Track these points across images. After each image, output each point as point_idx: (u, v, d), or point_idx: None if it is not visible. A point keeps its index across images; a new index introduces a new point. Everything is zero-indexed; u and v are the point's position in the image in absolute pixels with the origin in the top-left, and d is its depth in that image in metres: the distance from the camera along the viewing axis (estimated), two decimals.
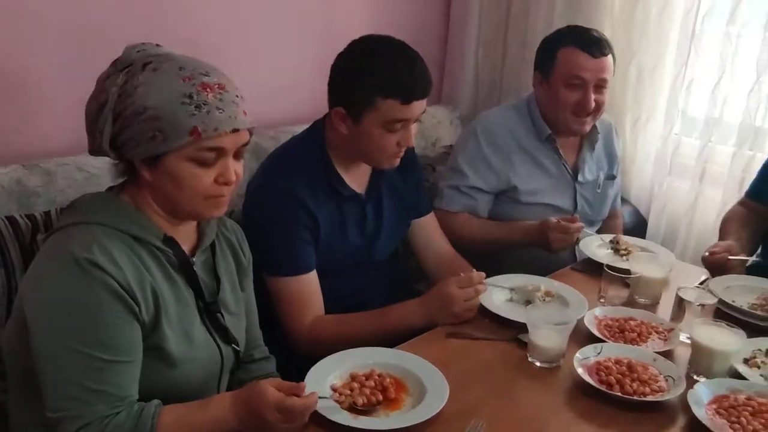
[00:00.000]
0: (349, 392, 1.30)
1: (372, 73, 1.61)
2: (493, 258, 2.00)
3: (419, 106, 1.65)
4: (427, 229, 2.00)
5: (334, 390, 1.31)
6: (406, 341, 1.56)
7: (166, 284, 1.24)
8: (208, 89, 1.18)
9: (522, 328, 1.54)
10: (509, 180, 2.16)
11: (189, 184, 1.20)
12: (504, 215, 2.18)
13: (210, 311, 1.32)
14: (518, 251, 2.09)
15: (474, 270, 1.66)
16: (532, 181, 2.17)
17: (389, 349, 1.47)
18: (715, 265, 1.90)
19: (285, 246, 1.66)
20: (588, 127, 2.14)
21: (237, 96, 1.22)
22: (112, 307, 1.14)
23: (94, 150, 1.23)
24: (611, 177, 2.32)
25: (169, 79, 1.17)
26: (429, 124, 2.66)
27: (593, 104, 2.06)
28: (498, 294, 1.72)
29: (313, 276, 1.70)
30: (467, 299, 1.60)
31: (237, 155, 1.24)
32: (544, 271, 1.93)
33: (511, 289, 1.75)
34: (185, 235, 1.32)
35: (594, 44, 2.05)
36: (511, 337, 1.57)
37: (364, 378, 1.35)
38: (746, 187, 2.26)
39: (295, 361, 1.46)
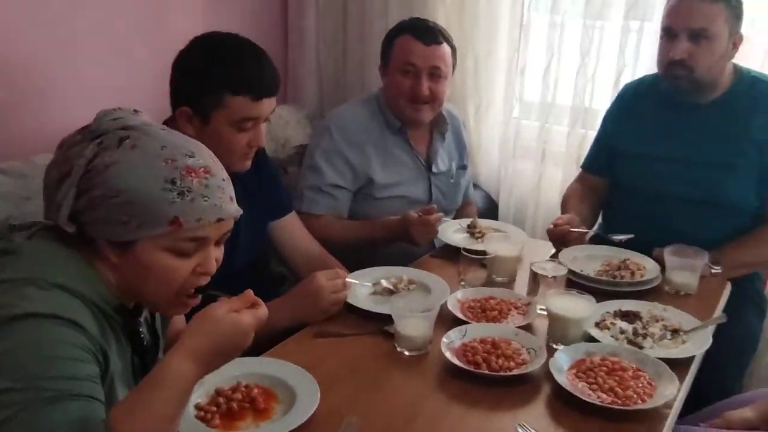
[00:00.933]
0: (215, 409, 1.23)
1: (220, 68, 1.55)
2: (359, 255, 1.99)
3: (269, 103, 1.61)
4: (291, 230, 1.96)
5: (199, 409, 1.24)
6: (274, 346, 1.51)
7: (113, 342, 1.07)
8: (193, 174, 1.04)
9: (388, 319, 1.54)
10: (366, 174, 2.16)
11: (161, 276, 1.05)
12: (361, 212, 2.19)
13: (145, 368, 1.15)
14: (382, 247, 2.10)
15: (343, 269, 1.66)
16: (388, 174, 2.19)
17: (254, 357, 1.41)
18: (558, 237, 2.00)
19: None
20: (425, 116, 2.18)
21: (223, 180, 1.09)
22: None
23: (49, 218, 1.06)
24: (462, 167, 2.39)
25: (148, 160, 1.02)
26: (277, 125, 2.61)
27: (426, 92, 2.11)
28: (361, 288, 1.72)
29: None
30: (334, 291, 1.59)
31: (219, 242, 1.12)
32: (409, 261, 1.95)
33: (374, 283, 1.75)
34: None
35: (427, 32, 2.11)
36: (378, 329, 1.56)
37: (230, 392, 1.28)
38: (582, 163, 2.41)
39: None
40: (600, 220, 2.29)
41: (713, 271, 1.85)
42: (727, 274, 1.90)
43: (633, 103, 2.19)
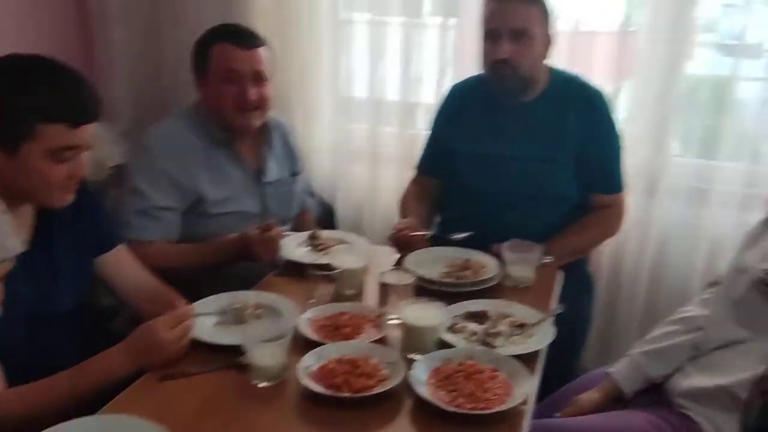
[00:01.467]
0: None
1: (28, 94, 1.36)
2: (198, 280, 1.87)
3: (90, 129, 1.44)
4: (119, 265, 1.78)
5: None
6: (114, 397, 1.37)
7: None
8: None
9: (239, 350, 1.46)
10: (195, 191, 2.04)
11: None
12: (195, 232, 2.06)
13: None
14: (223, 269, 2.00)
15: (182, 301, 1.53)
16: (218, 189, 2.08)
17: (93, 417, 1.26)
18: (400, 243, 2.02)
19: None
20: (255, 122, 2.10)
21: None
22: None
23: None
24: (294, 174, 2.33)
25: None
26: None
27: (254, 96, 2.04)
28: (206, 320, 1.61)
29: None
30: (178, 340, 1.46)
31: None
32: (252, 280, 1.86)
33: (220, 312, 1.65)
34: None
35: (245, 36, 2.05)
36: (228, 363, 1.47)
37: None
38: (415, 163, 2.44)
39: None
40: (438, 220, 2.34)
41: (545, 260, 1.95)
42: (558, 262, 2.02)
43: (460, 104, 2.26)
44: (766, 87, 2.28)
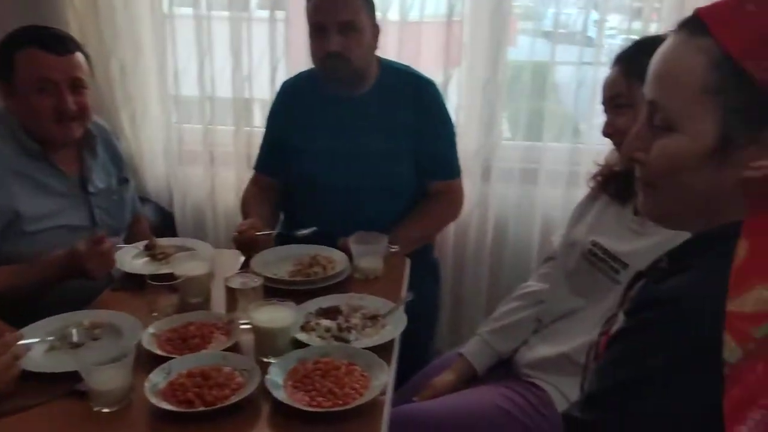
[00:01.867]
0: None
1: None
2: (24, 304, 1.71)
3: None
4: None
5: None
6: None
7: None
8: None
9: (77, 376, 1.34)
10: (9, 208, 1.84)
11: None
12: (12, 252, 1.86)
13: None
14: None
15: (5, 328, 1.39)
16: (38, 205, 1.89)
17: None
18: (245, 244, 1.96)
19: None
20: (76, 133, 1.94)
21: None
22: None
23: None
24: (124, 181, 2.18)
25: None
26: None
27: (73, 106, 1.87)
28: (36, 346, 1.47)
29: None
30: (4, 370, 1.32)
31: None
32: (86, 300, 1.72)
33: (52, 337, 1.51)
34: None
35: (56, 41, 1.86)
36: (66, 391, 1.35)
37: None
38: (253, 161, 2.38)
39: None
40: (282, 219, 2.29)
41: (392, 250, 1.97)
42: (404, 250, 2.05)
43: (293, 100, 2.22)
44: (581, 70, 2.44)
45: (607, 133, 1.60)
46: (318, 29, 2.01)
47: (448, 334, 2.56)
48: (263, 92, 2.46)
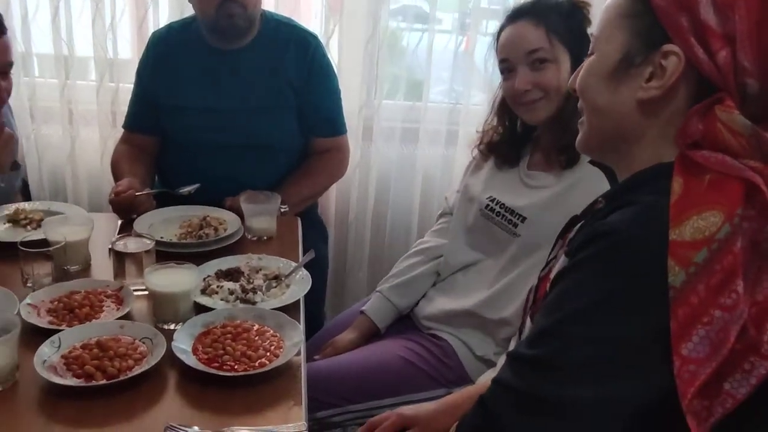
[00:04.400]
0: None
1: None
2: None
3: None
4: None
5: None
6: None
7: None
8: None
9: None
10: None
11: None
12: None
13: None
14: None
15: None
16: None
17: None
18: (123, 206, 1.81)
19: None
20: None
21: None
22: None
23: None
24: None
25: None
26: None
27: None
28: None
29: None
30: None
31: None
32: None
33: None
34: None
35: None
36: None
37: None
38: (120, 120, 2.20)
39: None
40: (157, 179, 2.14)
41: (282, 210, 1.90)
42: (294, 210, 1.99)
43: (165, 54, 2.06)
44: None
45: (520, 90, 1.54)
46: None
47: (332, 296, 2.54)
48: (128, 47, 2.27)
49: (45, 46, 2.27)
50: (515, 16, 1.58)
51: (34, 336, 1.28)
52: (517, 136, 1.71)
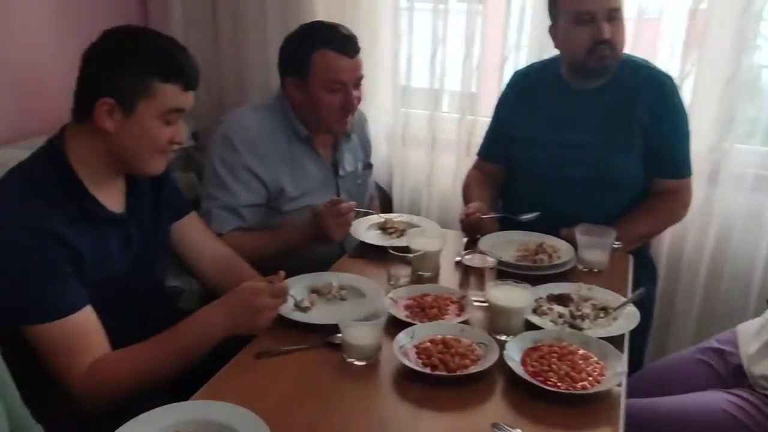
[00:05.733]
0: None
1: (148, 54, 1.44)
2: (267, 269, 1.90)
3: (193, 97, 1.52)
4: (194, 232, 1.82)
5: None
6: (216, 372, 1.40)
7: None
8: None
9: (327, 329, 1.48)
10: (277, 185, 2.05)
11: None
12: (266, 226, 2.08)
13: None
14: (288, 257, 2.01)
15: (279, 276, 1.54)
16: (297, 185, 2.08)
17: (188, 402, 1.28)
18: (471, 226, 2.03)
19: (43, 287, 1.38)
20: (350, 125, 2.12)
21: None
22: None
23: None
24: (369, 166, 2.34)
25: None
26: None
27: (356, 102, 2.05)
28: (290, 300, 1.63)
29: (84, 314, 1.43)
30: (272, 308, 1.48)
31: None
32: (320, 267, 1.85)
33: (309, 292, 1.67)
34: None
35: (347, 43, 2.00)
36: (320, 342, 1.50)
37: None
38: (474, 149, 2.45)
39: (90, 428, 1.19)
40: (501, 204, 2.35)
41: (615, 246, 1.95)
42: (627, 247, 2.02)
43: (524, 91, 2.25)
44: None
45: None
46: (585, 17, 1.99)
47: (653, 343, 2.47)
48: (489, 84, 2.52)
49: (422, 81, 2.63)
50: None
51: (389, 325, 1.54)
52: None
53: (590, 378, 1.36)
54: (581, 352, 1.43)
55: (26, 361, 1.36)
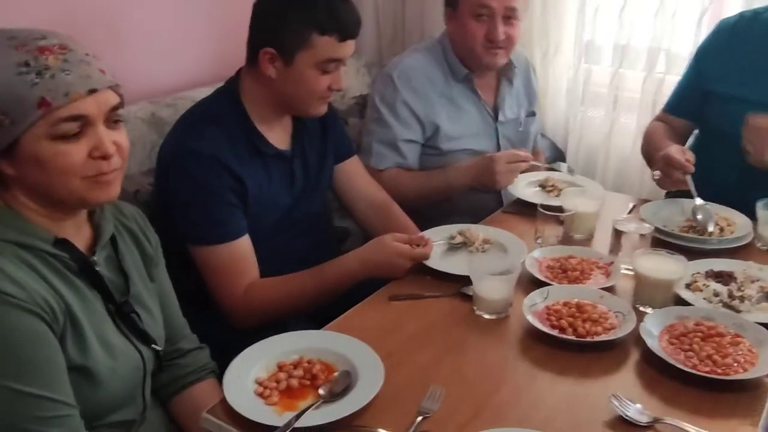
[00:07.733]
0: (275, 385, 1.18)
1: (307, 8, 1.53)
2: (424, 211, 1.93)
3: (351, 45, 1.60)
4: (354, 175, 1.92)
5: (259, 384, 1.19)
6: (351, 307, 1.47)
7: (69, 293, 1.06)
8: (47, 52, 1.00)
9: (464, 280, 1.48)
10: (433, 123, 2.08)
11: (57, 166, 1.01)
12: (425, 168, 2.11)
13: (123, 313, 1.15)
14: (443, 201, 2.03)
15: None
16: (454, 126, 2.10)
17: (317, 331, 1.36)
18: (674, 175, 1.82)
19: (211, 212, 1.55)
20: (501, 60, 2.07)
21: (86, 54, 1.05)
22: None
23: None
24: (532, 114, 2.28)
25: None
26: None
27: (503, 35, 2.00)
28: (435, 247, 1.65)
29: (244, 241, 1.59)
30: (407, 260, 1.54)
31: (110, 122, 1.06)
32: (473, 218, 1.86)
33: (449, 242, 1.68)
34: (77, 232, 1.12)
35: None
36: (454, 291, 1.50)
37: (291, 367, 1.22)
38: (658, 110, 2.26)
39: (237, 342, 1.31)
40: None
41: None
42: None
43: (729, 42, 2.00)
44: None
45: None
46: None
47: None
48: (685, 39, 2.29)
49: (608, 35, 2.46)
50: None
51: (529, 284, 1.51)
52: None
53: (736, 364, 1.23)
54: (731, 335, 1.31)
55: (191, 279, 1.53)
